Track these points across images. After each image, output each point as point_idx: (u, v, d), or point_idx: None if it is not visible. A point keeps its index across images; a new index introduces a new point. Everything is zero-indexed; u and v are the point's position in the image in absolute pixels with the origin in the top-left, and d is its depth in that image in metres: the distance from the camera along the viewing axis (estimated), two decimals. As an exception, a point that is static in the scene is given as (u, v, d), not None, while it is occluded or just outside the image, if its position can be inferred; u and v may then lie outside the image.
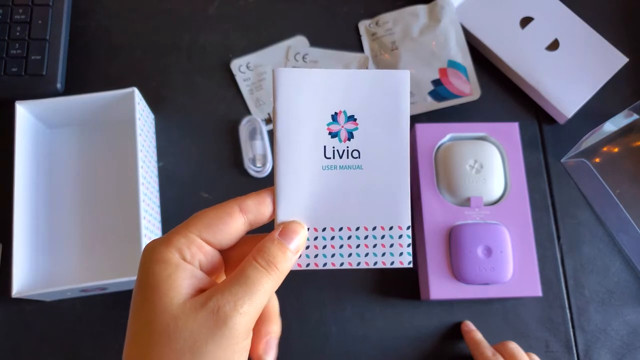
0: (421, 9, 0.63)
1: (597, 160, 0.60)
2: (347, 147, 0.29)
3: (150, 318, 0.24)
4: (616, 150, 0.61)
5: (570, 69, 0.61)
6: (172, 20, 0.64)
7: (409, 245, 0.30)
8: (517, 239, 0.52)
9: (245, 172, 0.58)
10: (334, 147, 0.29)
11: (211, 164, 0.59)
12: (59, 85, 0.59)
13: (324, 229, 0.29)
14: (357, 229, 0.29)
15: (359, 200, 0.29)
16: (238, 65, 0.62)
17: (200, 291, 0.25)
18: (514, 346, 0.48)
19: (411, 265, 0.30)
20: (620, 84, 0.62)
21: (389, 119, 0.29)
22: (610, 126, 0.59)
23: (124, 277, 0.48)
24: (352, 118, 0.29)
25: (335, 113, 0.29)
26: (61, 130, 0.58)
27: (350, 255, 0.29)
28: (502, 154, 0.55)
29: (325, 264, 0.29)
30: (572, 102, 0.59)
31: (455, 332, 0.54)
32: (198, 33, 0.64)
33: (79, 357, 0.52)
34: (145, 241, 0.49)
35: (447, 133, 0.55)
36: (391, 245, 0.30)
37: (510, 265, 0.51)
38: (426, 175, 0.54)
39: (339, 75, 0.29)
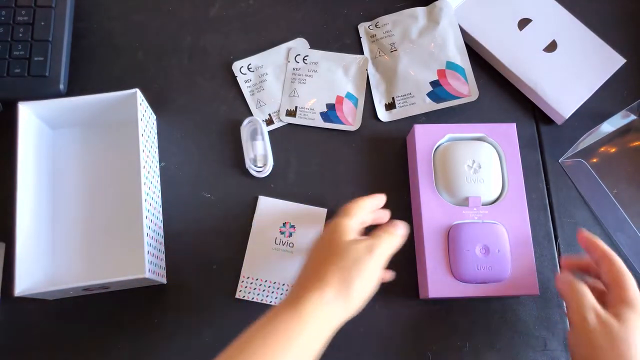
0: (420, 11, 0.64)
1: (595, 160, 0.60)
2: (288, 240, 0.56)
3: (333, 244, 0.44)
4: (613, 150, 0.61)
5: (567, 70, 0.61)
6: (174, 22, 0.65)
7: None
8: (514, 238, 0.52)
9: (246, 172, 0.58)
10: (280, 240, 0.56)
11: (213, 164, 0.59)
12: (61, 87, 0.59)
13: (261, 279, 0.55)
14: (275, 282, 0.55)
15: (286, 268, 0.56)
16: (239, 67, 0.63)
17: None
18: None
19: None
20: (618, 85, 0.62)
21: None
22: (607, 127, 0.59)
23: (127, 276, 0.48)
24: (292, 226, 0.56)
25: (284, 224, 0.57)
26: (64, 131, 0.59)
27: (268, 296, 0.55)
28: (500, 155, 0.55)
29: (254, 299, 0.55)
30: (570, 102, 0.60)
31: (455, 331, 0.54)
32: (200, 35, 0.64)
33: (82, 355, 0.53)
34: (147, 240, 0.49)
35: (445, 134, 0.56)
36: None
37: (508, 264, 0.51)
38: (425, 175, 0.54)
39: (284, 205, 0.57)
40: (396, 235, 0.46)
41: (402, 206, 0.57)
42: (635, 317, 0.42)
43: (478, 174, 0.54)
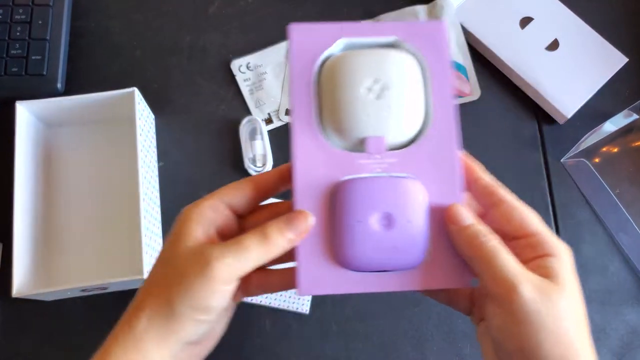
0: (421, 9, 0.63)
1: (597, 160, 0.60)
2: None
3: (165, 253, 0.33)
4: (616, 150, 0.61)
5: (569, 69, 0.61)
6: (172, 21, 0.64)
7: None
8: (437, 201, 0.33)
9: (245, 172, 0.58)
10: None
11: (211, 163, 0.59)
12: (59, 85, 0.59)
13: None
14: None
15: None
16: (238, 66, 0.62)
17: (208, 242, 0.32)
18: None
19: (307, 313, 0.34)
20: (620, 84, 0.62)
21: None
22: (609, 126, 0.59)
23: (125, 277, 0.48)
24: None
25: None
26: (61, 130, 0.59)
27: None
28: (423, 69, 0.35)
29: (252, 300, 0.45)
30: (572, 102, 0.60)
31: (455, 332, 0.54)
32: (198, 33, 0.64)
33: (79, 357, 0.52)
34: (145, 240, 0.49)
35: (337, 37, 0.35)
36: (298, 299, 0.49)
37: (422, 243, 0.33)
38: (303, 103, 0.35)
39: None
40: (264, 243, 0.31)
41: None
42: (565, 269, 0.31)
43: (382, 101, 0.34)
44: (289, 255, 0.33)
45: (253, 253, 0.31)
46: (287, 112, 0.61)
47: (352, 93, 0.34)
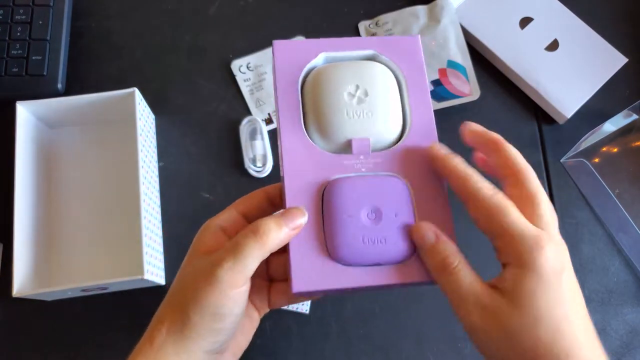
0: (421, 9, 0.63)
1: (597, 160, 0.60)
2: None
3: (184, 265, 0.35)
4: (615, 150, 0.61)
5: (569, 69, 0.61)
6: (172, 21, 0.64)
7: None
8: (422, 196, 0.35)
9: (245, 172, 0.58)
10: None
11: (211, 164, 0.59)
12: (59, 86, 0.59)
13: None
14: None
15: None
16: (238, 66, 0.62)
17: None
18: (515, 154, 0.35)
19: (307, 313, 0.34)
20: (620, 84, 0.62)
21: None
22: (609, 126, 0.59)
23: (125, 277, 0.48)
24: None
25: None
26: (62, 130, 0.59)
27: None
28: (399, 78, 0.38)
29: None
30: (572, 102, 0.60)
31: (456, 332, 0.54)
32: (198, 33, 0.64)
33: (79, 357, 0.52)
34: (145, 241, 0.49)
35: (319, 52, 0.38)
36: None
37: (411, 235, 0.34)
38: (289, 110, 0.37)
39: None
40: (258, 238, 0.31)
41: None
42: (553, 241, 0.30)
43: (364, 105, 0.36)
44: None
45: (250, 251, 0.31)
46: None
47: (336, 98, 0.36)
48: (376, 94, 0.36)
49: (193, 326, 0.31)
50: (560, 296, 0.29)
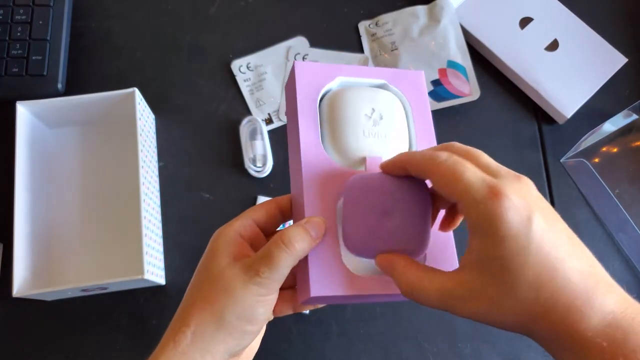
0: (421, 9, 0.63)
1: (597, 160, 0.60)
2: None
3: (207, 269, 0.35)
4: (615, 150, 0.61)
5: (569, 69, 0.61)
6: (172, 21, 0.64)
7: None
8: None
9: (245, 172, 0.58)
10: None
11: (211, 164, 0.59)
12: (59, 86, 0.59)
13: None
14: None
15: None
16: (238, 66, 0.62)
17: (245, 257, 0.35)
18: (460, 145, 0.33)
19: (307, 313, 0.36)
20: (620, 84, 0.62)
21: None
22: (609, 126, 0.59)
23: (125, 277, 0.48)
24: None
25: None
26: (62, 131, 0.59)
27: None
28: (405, 107, 0.42)
29: None
30: (572, 102, 0.60)
31: (456, 332, 0.54)
32: (198, 33, 0.64)
33: (79, 357, 0.52)
34: (145, 241, 0.49)
35: (335, 76, 0.41)
36: None
37: (422, 231, 0.35)
38: (309, 126, 0.39)
39: None
40: (289, 247, 0.33)
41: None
42: (518, 185, 0.29)
43: (379, 127, 0.39)
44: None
45: (284, 261, 0.33)
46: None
47: (355, 118, 0.39)
48: (390, 118, 0.39)
49: (226, 328, 0.33)
50: (535, 248, 0.27)
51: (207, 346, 0.32)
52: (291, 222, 0.39)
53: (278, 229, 0.39)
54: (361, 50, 0.64)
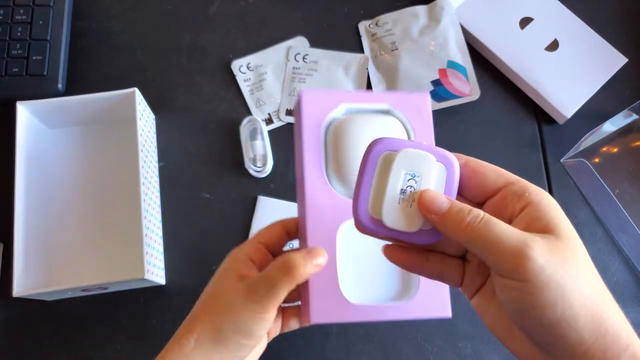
0: (421, 9, 0.63)
1: (597, 160, 0.60)
2: None
3: (215, 285, 0.39)
4: (615, 150, 0.61)
5: (569, 69, 0.61)
6: (172, 21, 0.64)
7: None
8: None
9: (245, 172, 0.58)
10: None
11: (212, 164, 0.59)
12: (60, 86, 0.59)
13: None
14: None
15: None
16: (238, 66, 0.62)
17: (250, 278, 0.37)
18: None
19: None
20: (620, 84, 0.62)
21: None
22: (609, 126, 0.59)
23: (125, 277, 0.48)
24: None
25: None
26: (62, 131, 0.59)
27: None
28: (408, 132, 0.42)
29: None
30: (572, 102, 0.60)
31: (456, 332, 0.54)
32: (198, 33, 0.64)
33: (80, 356, 0.53)
34: (146, 241, 0.49)
35: (338, 103, 0.42)
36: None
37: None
38: (312, 157, 0.40)
39: None
40: (289, 273, 0.35)
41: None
42: (559, 215, 0.30)
43: None
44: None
45: (282, 284, 0.35)
46: (288, 112, 0.61)
47: (356, 149, 0.40)
48: None
49: (224, 340, 0.36)
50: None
51: (207, 353, 0.36)
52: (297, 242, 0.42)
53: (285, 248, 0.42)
54: (361, 50, 0.64)
